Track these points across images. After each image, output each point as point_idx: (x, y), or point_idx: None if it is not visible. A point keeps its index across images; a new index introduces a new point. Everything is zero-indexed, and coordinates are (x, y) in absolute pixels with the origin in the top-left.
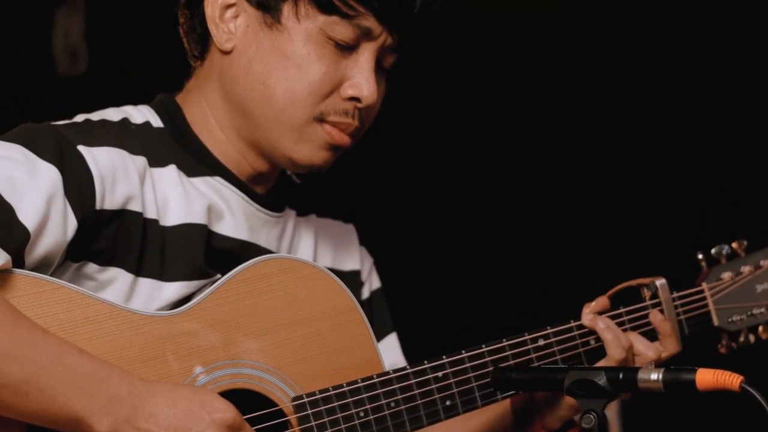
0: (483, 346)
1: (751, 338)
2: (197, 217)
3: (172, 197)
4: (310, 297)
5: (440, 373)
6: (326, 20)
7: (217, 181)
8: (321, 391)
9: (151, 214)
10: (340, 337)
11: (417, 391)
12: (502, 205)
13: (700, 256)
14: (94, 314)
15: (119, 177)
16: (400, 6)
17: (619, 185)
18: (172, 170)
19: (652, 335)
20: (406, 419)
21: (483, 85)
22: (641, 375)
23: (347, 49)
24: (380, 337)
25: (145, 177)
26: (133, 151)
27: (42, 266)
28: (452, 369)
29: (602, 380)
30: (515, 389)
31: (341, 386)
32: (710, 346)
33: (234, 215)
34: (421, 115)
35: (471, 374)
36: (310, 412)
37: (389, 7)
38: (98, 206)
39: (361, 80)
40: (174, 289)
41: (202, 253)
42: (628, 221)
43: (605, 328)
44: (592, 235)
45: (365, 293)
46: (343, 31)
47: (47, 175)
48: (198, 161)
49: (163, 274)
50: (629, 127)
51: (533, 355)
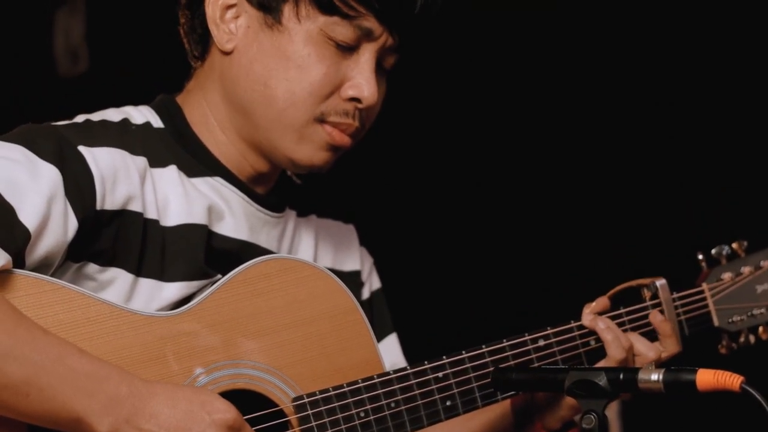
0: (483, 346)
1: (752, 339)
2: (198, 218)
3: (173, 197)
4: (311, 297)
5: (440, 374)
6: (327, 21)
7: (218, 182)
8: (321, 392)
9: (151, 214)
10: (340, 338)
11: (417, 392)
12: (502, 206)
13: (700, 257)
14: (95, 314)
15: (120, 177)
16: (401, 7)
17: (620, 185)
18: (172, 170)
19: (652, 336)
20: (406, 419)
21: (483, 86)
22: (642, 375)
23: (348, 49)
24: (380, 337)
25: (145, 177)
26: (134, 152)
27: (42, 267)
28: (452, 369)
29: (603, 381)
30: (515, 389)
31: (342, 386)
32: (710, 346)
33: (234, 215)
34: (421, 115)
35: (471, 374)
36: (310, 412)
37: (390, 8)
38: (99, 206)
39: (362, 81)
40: (174, 290)
41: (203, 254)
42: (628, 222)
43: (605, 328)
44: (593, 236)
45: (365, 293)
46: (343, 31)
47: (48, 176)
48: (198, 161)
49: (164, 275)
50: (630, 127)
51: (533, 356)
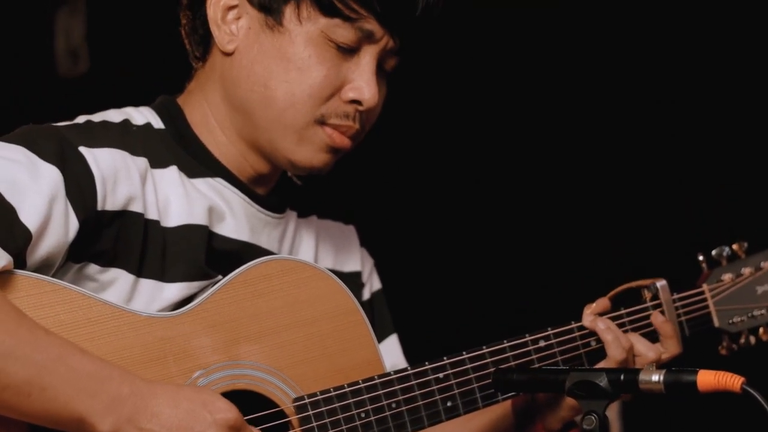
0: (484, 347)
1: (752, 340)
2: (198, 218)
3: (174, 198)
4: (312, 298)
5: (441, 374)
6: (328, 23)
7: (218, 182)
8: (322, 392)
9: (152, 215)
10: (341, 338)
11: (418, 392)
12: (503, 206)
13: (700, 258)
14: (96, 315)
15: (120, 178)
16: (402, 9)
17: (620, 186)
18: (173, 171)
19: (652, 336)
20: (407, 420)
21: (483, 87)
22: (642, 376)
23: (349, 51)
24: (381, 338)
25: (146, 178)
26: (135, 153)
27: (43, 267)
28: (453, 370)
29: (603, 381)
30: (516, 390)
31: (342, 387)
32: (711, 347)
33: (235, 216)
34: (421, 116)
35: (472, 375)
36: (311, 412)
37: (391, 11)
38: (100, 207)
39: (362, 83)
40: (175, 290)
41: (203, 254)
42: (628, 222)
43: (606, 329)
44: (593, 236)
45: (366, 294)
46: (344, 33)
47: (49, 176)
48: (199, 162)
49: (164, 275)
50: (631, 127)
51: (534, 356)
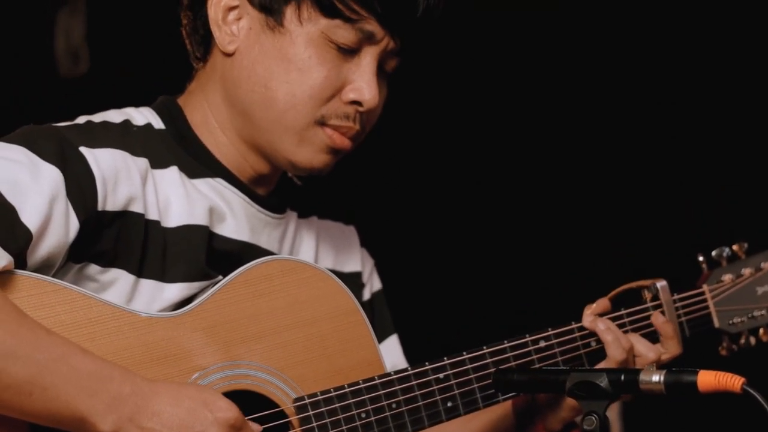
0: (484, 347)
1: (752, 340)
2: (199, 219)
3: (174, 199)
4: (312, 298)
5: (441, 375)
6: (328, 24)
7: (219, 183)
8: (322, 392)
9: (152, 215)
10: (341, 339)
11: (418, 392)
12: (503, 206)
13: (700, 258)
14: (96, 315)
15: (121, 178)
16: (403, 10)
17: (621, 186)
18: (173, 172)
19: (652, 337)
20: (407, 420)
21: (483, 88)
22: (643, 377)
23: (349, 52)
24: (381, 338)
25: (146, 178)
26: (135, 153)
27: (44, 267)
28: (453, 370)
29: (604, 382)
30: (516, 390)
31: (343, 387)
32: (711, 348)
33: (235, 217)
34: (422, 117)
35: (472, 375)
36: (311, 413)
37: (392, 12)
38: (100, 207)
39: (363, 84)
40: (175, 291)
41: (204, 255)
42: (629, 223)
43: (606, 329)
44: (593, 237)
45: (366, 295)
46: (345, 34)
47: (49, 177)
48: (199, 163)
49: (165, 276)
50: (631, 128)
51: (534, 357)
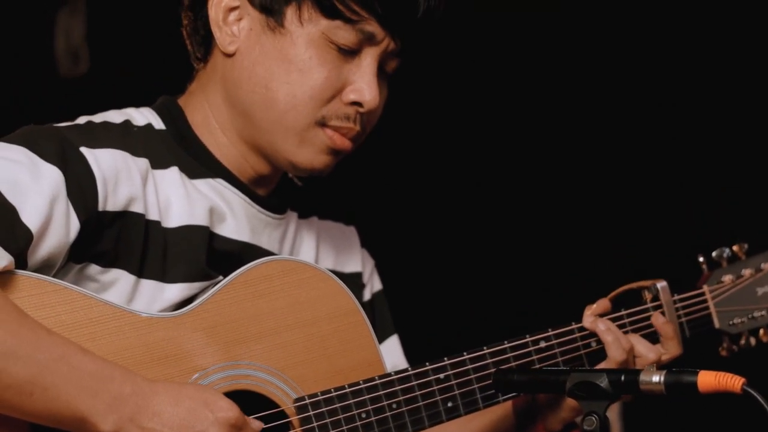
0: (484, 347)
1: (752, 341)
2: (199, 219)
3: (174, 199)
4: (312, 299)
5: (442, 375)
6: (329, 24)
7: (219, 183)
8: (323, 392)
9: (153, 215)
10: (341, 339)
11: (419, 393)
12: (504, 207)
13: (701, 259)
14: (97, 315)
15: (121, 179)
16: (404, 11)
17: (621, 187)
18: (174, 172)
19: (653, 337)
20: (407, 420)
21: (484, 89)
22: (643, 377)
23: (350, 53)
24: (382, 338)
25: (147, 179)
26: (136, 153)
27: (44, 268)
28: (454, 371)
29: (604, 382)
30: (517, 391)
31: (343, 387)
32: (711, 348)
33: (236, 217)
34: (422, 118)
35: (472, 376)
36: (312, 413)
37: (392, 13)
38: (101, 208)
39: (363, 85)
40: (176, 291)
41: (204, 255)
42: (629, 223)
43: (606, 330)
44: (594, 237)
45: (367, 295)
46: (345, 35)
47: (50, 177)
48: (200, 163)
49: (165, 276)
50: (632, 129)
51: (535, 357)
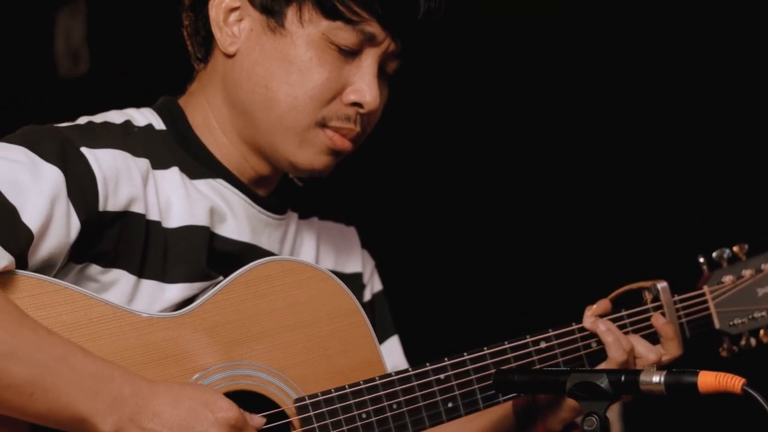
0: (485, 348)
1: (752, 342)
2: (200, 219)
3: (175, 199)
4: (312, 299)
5: (442, 375)
6: (330, 25)
7: (220, 184)
8: (323, 393)
9: (153, 216)
10: (342, 340)
11: (419, 393)
12: (504, 208)
13: (701, 260)
14: (97, 315)
15: (122, 179)
16: (404, 12)
17: (621, 188)
18: (174, 172)
19: (653, 338)
20: (408, 421)
21: (484, 90)
22: (643, 377)
23: (350, 54)
24: (382, 339)
25: (147, 179)
26: (136, 154)
27: (45, 268)
28: (454, 371)
29: (604, 383)
30: (517, 391)
31: (343, 388)
32: (711, 349)
33: (236, 217)
34: (423, 118)
35: (473, 376)
36: (312, 413)
37: (393, 13)
38: (101, 208)
39: (364, 86)
40: (176, 291)
41: (205, 255)
42: (629, 224)
43: (606, 330)
44: (594, 238)
45: (367, 296)
46: (346, 36)
47: (50, 177)
48: (200, 163)
49: (166, 276)
50: (632, 130)
51: (535, 357)
